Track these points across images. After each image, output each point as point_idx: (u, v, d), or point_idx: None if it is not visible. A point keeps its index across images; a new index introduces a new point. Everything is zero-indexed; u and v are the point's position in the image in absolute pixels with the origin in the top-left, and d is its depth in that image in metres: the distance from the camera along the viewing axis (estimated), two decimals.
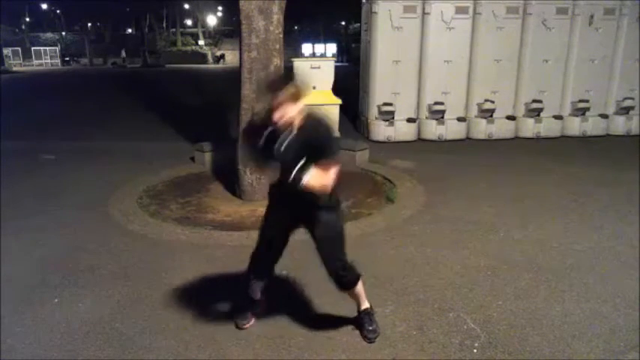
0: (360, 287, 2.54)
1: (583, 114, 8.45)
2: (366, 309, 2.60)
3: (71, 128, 9.65)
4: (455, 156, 7.09)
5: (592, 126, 8.49)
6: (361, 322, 2.60)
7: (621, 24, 8.32)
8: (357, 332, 2.62)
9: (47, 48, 44.93)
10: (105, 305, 2.96)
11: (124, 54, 43.41)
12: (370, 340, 2.55)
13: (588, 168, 6.30)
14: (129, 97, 15.52)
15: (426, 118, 8.13)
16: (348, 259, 2.46)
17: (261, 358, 2.46)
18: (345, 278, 2.44)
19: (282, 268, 2.95)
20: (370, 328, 2.57)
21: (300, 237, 2.55)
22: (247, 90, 4.74)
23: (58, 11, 49.57)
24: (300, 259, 3.12)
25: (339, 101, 7.33)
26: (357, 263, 2.53)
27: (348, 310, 2.69)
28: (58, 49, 45.41)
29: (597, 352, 2.50)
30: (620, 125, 8.61)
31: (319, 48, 44.24)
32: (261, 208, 4.62)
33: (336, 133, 2.36)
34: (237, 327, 2.66)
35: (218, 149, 6.27)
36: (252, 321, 2.70)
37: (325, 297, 2.99)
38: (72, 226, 4.31)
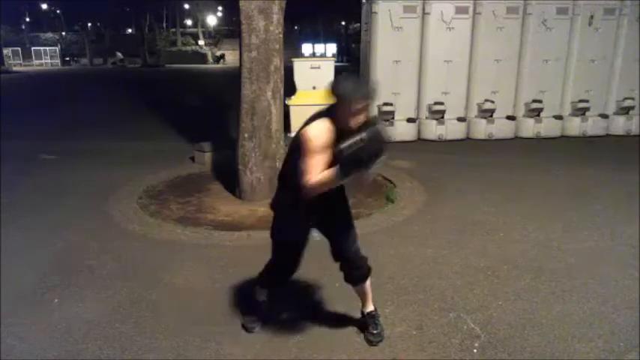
0: (368, 285, 2.55)
1: (583, 114, 8.45)
2: (371, 312, 2.60)
3: (71, 128, 9.64)
4: (455, 156, 7.09)
5: (592, 126, 8.49)
6: (366, 324, 2.60)
7: (621, 24, 8.32)
8: (357, 332, 2.62)
9: (47, 48, 45.00)
10: (105, 305, 2.95)
11: (120, 55, 43.54)
12: (373, 344, 2.54)
13: (588, 168, 6.30)
14: (128, 96, 15.53)
15: (426, 118, 8.13)
16: None
17: (261, 358, 2.46)
18: (361, 269, 2.47)
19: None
20: (375, 332, 2.57)
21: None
22: (247, 90, 4.73)
23: (58, 11, 49.60)
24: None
25: None
26: None
27: (349, 310, 2.69)
28: (58, 49, 45.46)
29: (597, 352, 2.50)
30: (620, 125, 8.60)
31: (319, 48, 44.35)
32: (261, 209, 4.68)
33: None
34: (247, 331, 2.65)
35: (218, 149, 6.28)
36: (260, 323, 2.69)
37: (326, 297, 3.00)
38: (72, 226, 4.31)
